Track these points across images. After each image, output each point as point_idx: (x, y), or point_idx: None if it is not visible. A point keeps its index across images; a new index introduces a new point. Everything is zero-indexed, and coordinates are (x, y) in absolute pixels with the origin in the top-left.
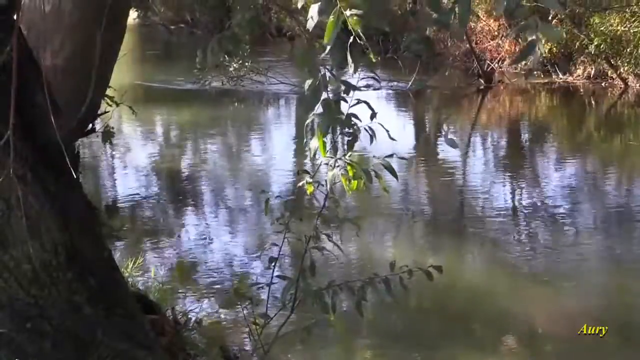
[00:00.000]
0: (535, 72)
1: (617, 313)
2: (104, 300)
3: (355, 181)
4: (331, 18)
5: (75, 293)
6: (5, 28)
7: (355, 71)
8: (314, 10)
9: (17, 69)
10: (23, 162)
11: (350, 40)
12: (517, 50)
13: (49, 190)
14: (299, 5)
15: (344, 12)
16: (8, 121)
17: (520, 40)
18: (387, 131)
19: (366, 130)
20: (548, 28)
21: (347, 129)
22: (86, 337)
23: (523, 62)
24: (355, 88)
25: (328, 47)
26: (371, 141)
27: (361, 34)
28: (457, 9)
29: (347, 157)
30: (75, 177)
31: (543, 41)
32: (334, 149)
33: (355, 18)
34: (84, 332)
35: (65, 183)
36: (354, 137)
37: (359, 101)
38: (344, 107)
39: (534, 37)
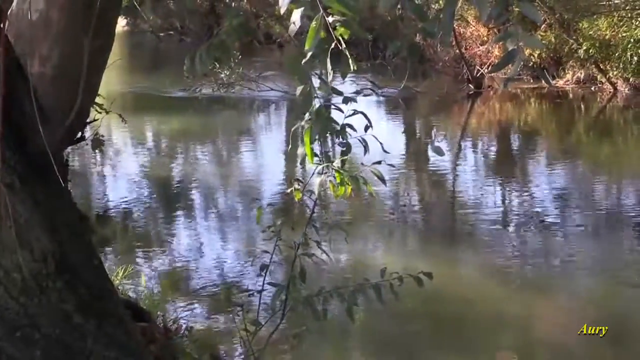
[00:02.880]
0: (524, 78)
1: (609, 315)
2: (94, 309)
3: (343, 187)
4: (313, 24)
5: (65, 302)
6: None
7: (343, 77)
8: (296, 15)
9: (4, 77)
10: (11, 171)
11: (332, 45)
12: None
13: (38, 199)
14: (282, 11)
15: (327, 19)
16: None
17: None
18: (381, 144)
19: (359, 142)
20: (529, 37)
21: (341, 139)
22: (76, 346)
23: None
24: (341, 93)
25: (309, 54)
26: (365, 153)
27: (342, 41)
28: (441, 16)
29: (335, 163)
30: (64, 185)
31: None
32: (326, 156)
33: (338, 24)
34: (74, 340)
35: (54, 191)
36: (348, 148)
37: (355, 112)
38: (340, 117)
39: (514, 46)
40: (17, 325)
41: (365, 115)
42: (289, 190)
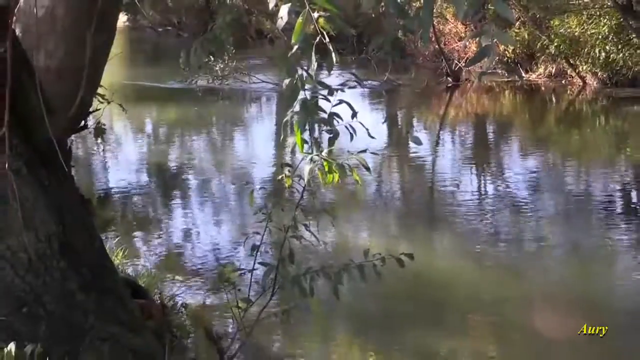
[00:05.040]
0: (500, 72)
1: (579, 292)
2: (95, 287)
3: (331, 175)
4: (300, 19)
5: (68, 280)
6: (0, 31)
7: (329, 70)
8: (283, 10)
9: (11, 70)
10: (18, 157)
11: (317, 40)
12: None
13: (43, 184)
14: (271, 6)
15: (312, 14)
16: (3, 119)
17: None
18: (367, 130)
19: (347, 129)
20: (502, 34)
21: (328, 127)
22: (78, 322)
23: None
24: (328, 87)
25: (295, 47)
26: (351, 139)
27: (329, 34)
28: (420, 14)
29: (323, 152)
30: (67, 171)
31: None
32: (315, 144)
33: (322, 19)
34: (77, 317)
35: (58, 177)
36: (335, 135)
37: (340, 101)
38: (327, 106)
39: (489, 42)
40: (23, 302)
41: (350, 105)
42: (280, 177)
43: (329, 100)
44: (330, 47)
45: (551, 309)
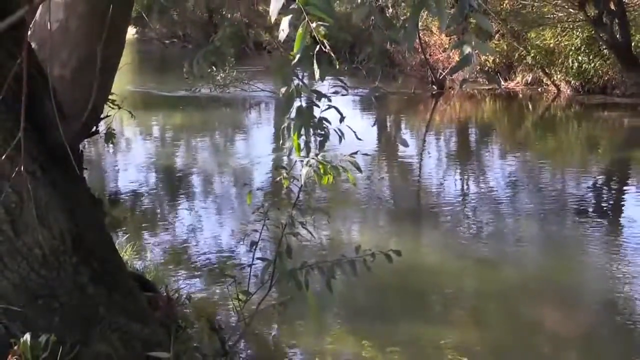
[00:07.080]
0: (481, 80)
1: (553, 285)
2: (106, 281)
3: (326, 176)
4: (300, 30)
5: (80, 274)
6: (17, 43)
7: (322, 78)
8: (284, 23)
9: (27, 79)
10: (33, 160)
11: (316, 49)
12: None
13: (57, 185)
14: (272, 20)
15: (311, 25)
16: (19, 124)
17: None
18: (354, 132)
19: (336, 132)
20: (481, 45)
21: (319, 131)
22: (90, 313)
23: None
24: (324, 96)
25: (297, 57)
26: (340, 141)
27: (326, 44)
28: (406, 27)
29: (319, 156)
30: (79, 173)
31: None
32: (307, 148)
33: (321, 30)
34: (88, 308)
35: (71, 178)
36: (325, 137)
37: (329, 106)
38: (316, 111)
39: (469, 51)
40: (39, 295)
41: (338, 110)
42: (278, 179)
43: (318, 106)
44: (332, 54)
45: (530, 297)
